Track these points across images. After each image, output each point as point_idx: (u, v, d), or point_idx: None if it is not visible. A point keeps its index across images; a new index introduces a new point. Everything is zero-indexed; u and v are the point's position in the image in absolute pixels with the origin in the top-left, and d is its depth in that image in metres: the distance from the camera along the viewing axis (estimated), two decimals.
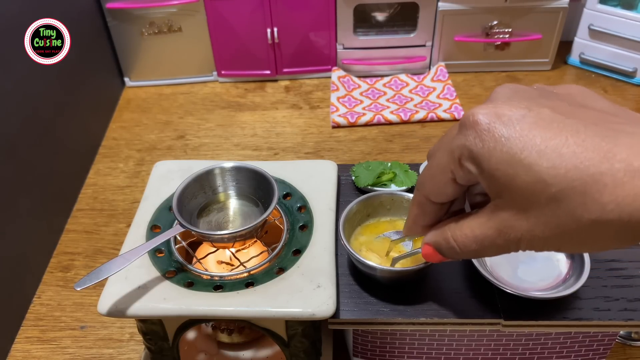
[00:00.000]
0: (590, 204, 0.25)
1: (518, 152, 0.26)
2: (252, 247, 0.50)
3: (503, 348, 0.47)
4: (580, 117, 0.27)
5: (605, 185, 0.24)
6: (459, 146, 0.29)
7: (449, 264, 0.47)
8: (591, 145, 0.25)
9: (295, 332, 0.45)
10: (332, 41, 0.95)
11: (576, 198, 0.25)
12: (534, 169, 0.26)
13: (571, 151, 0.25)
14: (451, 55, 0.97)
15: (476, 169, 0.28)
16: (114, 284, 0.44)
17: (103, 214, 0.74)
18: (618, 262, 0.47)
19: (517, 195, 0.27)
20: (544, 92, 0.30)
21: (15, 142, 0.65)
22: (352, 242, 0.47)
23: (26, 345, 0.60)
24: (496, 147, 0.27)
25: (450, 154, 0.30)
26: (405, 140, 0.84)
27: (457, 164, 0.29)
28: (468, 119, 0.28)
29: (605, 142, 0.25)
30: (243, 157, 0.82)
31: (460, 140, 0.29)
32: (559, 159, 0.25)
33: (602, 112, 0.28)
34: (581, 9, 0.93)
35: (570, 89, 0.31)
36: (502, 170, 0.27)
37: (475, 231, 0.31)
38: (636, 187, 0.24)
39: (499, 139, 0.27)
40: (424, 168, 0.33)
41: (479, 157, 0.28)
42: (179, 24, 0.93)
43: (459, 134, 0.29)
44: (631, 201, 0.24)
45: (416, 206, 0.35)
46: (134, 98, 0.97)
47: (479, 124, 0.28)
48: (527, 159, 0.26)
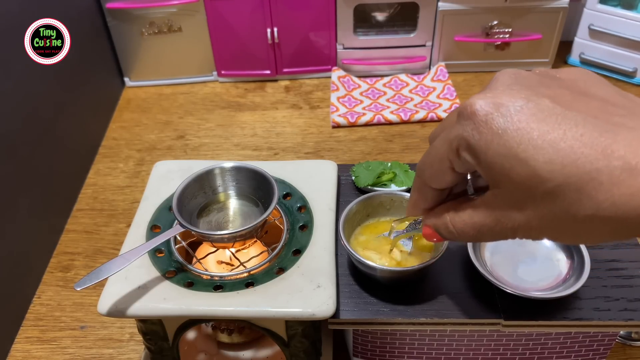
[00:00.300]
0: (585, 200, 0.25)
1: (515, 146, 0.26)
2: (252, 247, 0.50)
3: (503, 348, 0.47)
4: (581, 109, 0.26)
5: (601, 183, 0.24)
6: (456, 136, 0.29)
7: (449, 264, 0.47)
8: (589, 140, 0.25)
9: (295, 332, 0.45)
10: (332, 41, 0.95)
11: (572, 194, 0.25)
12: (530, 163, 0.26)
13: (568, 146, 0.25)
14: (451, 55, 0.97)
15: (474, 159, 0.28)
16: (114, 284, 0.44)
17: (103, 214, 0.74)
18: (618, 262, 0.47)
19: (513, 188, 0.27)
20: (545, 79, 0.29)
21: (16, 142, 0.65)
22: (352, 242, 0.47)
23: (26, 345, 0.60)
24: (493, 140, 0.27)
25: (449, 143, 0.29)
26: (405, 140, 0.84)
27: (455, 154, 0.29)
28: (466, 108, 0.28)
29: (604, 138, 0.25)
30: (243, 157, 0.82)
31: (458, 130, 0.29)
32: (555, 154, 0.25)
33: (603, 102, 0.27)
34: (581, 9, 0.93)
35: (573, 73, 0.30)
36: (498, 163, 0.27)
37: (473, 218, 0.31)
38: (632, 185, 0.24)
39: (496, 131, 0.27)
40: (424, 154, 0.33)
41: (476, 149, 0.28)
42: (179, 24, 0.93)
43: (457, 123, 0.29)
44: (627, 200, 0.24)
45: (416, 191, 0.35)
46: (134, 98, 0.97)
47: (477, 115, 0.27)
48: (524, 153, 0.26)
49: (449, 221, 0.33)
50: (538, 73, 0.30)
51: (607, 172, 0.24)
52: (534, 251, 0.47)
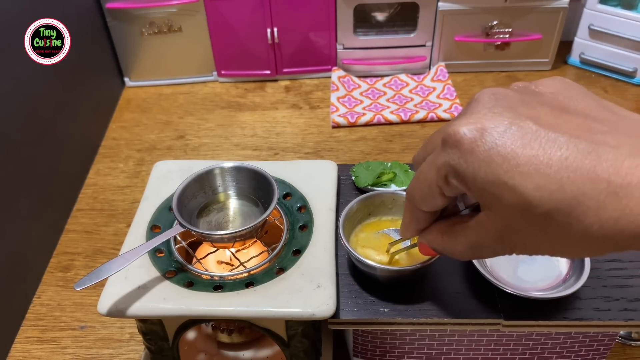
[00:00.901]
0: (574, 224, 0.25)
1: (502, 174, 0.26)
2: (252, 247, 0.50)
3: (503, 348, 0.47)
4: (563, 129, 0.26)
5: (588, 208, 0.25)
6: (444, 164, 0.29)
7: (449, 264, 0.47)
8: (574, 164, 0.25)
9: (295, 332, 0.45)
10: (332, 41, 0.95)
11: (561, 218, 0.25)
12: (518, 190, 0.26)
13: (554, 171, 0.25)
14: (451, 55, 0.97)
15: (463, 186, 0.29)
16: (114, 284, 0.44)
17: (103, 214, 0.74)
18: (618, 262, 0.47)
19: (505, 211, 0.27)
20: (525, 96, 0.29)
21: (16, 142, 0.65)
22: (352, 241, 0.47)
23: (26, 345, 0.60)
24: (480, 167, 0.27)
25: (436, 170, 0.30)
26: (405, 140, 0.84)
27: (443, 180, 0.29)
28: (450, 136, 0.28)
29: (588, 160, 0.25)
30: (243, 157, 0.82)
31: (444, 157, 0.29)
32: (542, 180, 0.25)
33: (585, 118, 0.27)
34: (581, 9, 0.93)
35: (553, 86, 0.30)
36: (488, 189, 0.27)
37: (469, 238, 0.31)
38: (618, 209, 0.24)
39: (483, 159, 0.27)
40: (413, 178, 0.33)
41: (465, 176, 0.28)
42: (179, 24, 0.93)
43: (442, 150, 0.29)
44: (613, 224, 0.24)
45: (408, 214, 0.35)
46: (134, 98, 0.97)
47: (462, 143, 0.27)
48: (512, 180, 0.26)
49: (445, 242, 0.33)
50: (517, 90, 0.30)
51: (593, 197, 0.24)
52: None
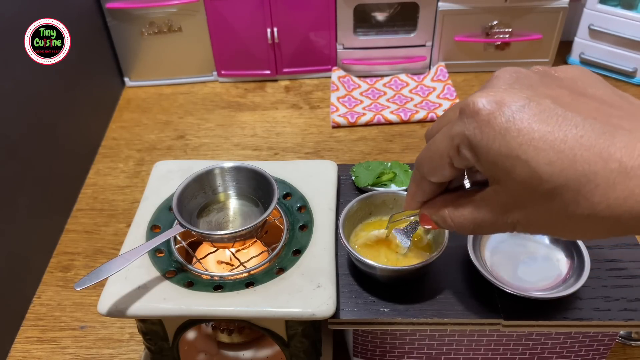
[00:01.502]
0: (582, 202, 0.25)
1: (516, 147, 0.26)
2: (252, 247, 0.50)
3: (503, 348, 0.47)
4: (580, 110, 0.27)
5: (597, 186, 0.25)
6: (458, 134, 0.29)
7: (449, 264, 0.47)
8: (588, 142, 0.25)
9: (295, 332, 0.45)
10: (332, 41, 0.95)
11: (570, 195, 0.26)
12: (531, 164, 0.26)
13: (568, 147, 0.25)
14: (451, 55, 0.97)
15: (474, 157, 0.29)
16: (114, 284, 0.44)
17: (103, 214, 0.74)
18: (618, 262, 0.47)
19: (513, 186, 0.28)
20: (545, 78, 0.30)
21: (16, 142, 0.65)
22: (351, 239, 0.47)
23: (26, 345, 0.60)
24: (495, 139, 0.27)
25: (450, 140, 0.30)
26: (405, 140, 0.84)
27: (455, 150, 0.29)
28: (469, 106, 0.28)
29: (602, 140, 0.25)
30: (243, 157, 0.82)
31: (459, 127, 0.29)
32: (556, 156, 0.25)
33: (601, 103, 0.28)
34: (581, 9, 0.93)
35: (571, 72, 0.30)
36: (499, 162, 0.27)
37: (473, 213, 0.31)
38: (627, 189, 0.24)
39: (499, 131, 0.27)
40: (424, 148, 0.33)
41: (478, 147, 0.28)
42: (179, 24, 0.93)
43: (459, 120, 0.29)
44: (622, 203, 0.25)
45: (414, 184, 0.35)
46: (134, 98, 0.97)
47: (479, 113, 0.27)
48: (525, 154, 0.26)
49: (447, 215, 0.33)
50: (537, 72, 0.31)
51: (603, 175, 0.25)
52: (534, 251, 0.47)
